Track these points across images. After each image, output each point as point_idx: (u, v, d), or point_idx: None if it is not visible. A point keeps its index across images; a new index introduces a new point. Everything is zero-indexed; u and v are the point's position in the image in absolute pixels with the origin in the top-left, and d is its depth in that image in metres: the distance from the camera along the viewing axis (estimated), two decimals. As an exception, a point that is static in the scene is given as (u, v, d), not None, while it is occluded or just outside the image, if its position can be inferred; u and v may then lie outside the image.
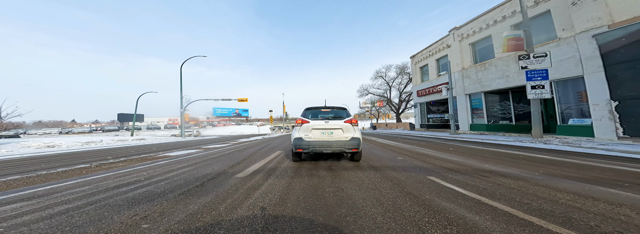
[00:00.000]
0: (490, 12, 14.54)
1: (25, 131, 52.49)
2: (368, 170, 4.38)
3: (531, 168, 4.28)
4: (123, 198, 2.76)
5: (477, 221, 2.01)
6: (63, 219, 2.12)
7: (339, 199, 2.67)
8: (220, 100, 26.83)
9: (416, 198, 2.70)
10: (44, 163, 6.23)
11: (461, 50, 17.21)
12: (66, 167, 5.28)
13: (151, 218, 2.14)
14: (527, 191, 2.81)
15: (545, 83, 9.28)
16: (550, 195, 2.65)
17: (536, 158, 5.34)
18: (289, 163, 5.26)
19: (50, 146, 12.86)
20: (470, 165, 4.65)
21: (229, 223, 2.04)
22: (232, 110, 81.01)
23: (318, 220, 2.08)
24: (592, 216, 2.06)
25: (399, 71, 37.13)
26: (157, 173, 4.34)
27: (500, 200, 2.51)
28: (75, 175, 4.29)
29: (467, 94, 16.55)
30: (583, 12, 9.43)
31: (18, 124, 23.43)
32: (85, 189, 3.18)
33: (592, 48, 9.05)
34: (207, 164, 5.36)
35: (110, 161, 6.27)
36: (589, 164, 4.54)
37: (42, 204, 2.55)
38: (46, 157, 7.70)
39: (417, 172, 4.10)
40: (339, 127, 5.07)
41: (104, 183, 3.55)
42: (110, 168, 5.00)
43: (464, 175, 3.78)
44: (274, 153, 7.39)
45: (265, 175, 4.05)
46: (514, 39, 10.50)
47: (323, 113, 5.56)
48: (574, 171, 3.95)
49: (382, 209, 2.36)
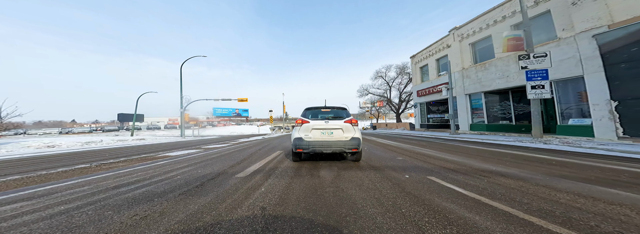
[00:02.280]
0: (490, 12, 14.54)
1: (25, 131, 52.50)
2: (368, 170, 4.38)
3: (531, 168, 4.28)
4: (123, 198, 2.76)
5: (477, 221, 2.01)
6: (63, 219, 2.12)
7: (339, 200, 2.67)
8: (220, 100, 26.83)
9: (416, 198, 2.70)
10: (43, 163, 6.23)
11: (461, 50, 17.21)
12: (66, 167, 5.29)
13: (151, 218, 2.14)
14: (527, 191, 2.81)
15: (545, 83, 9.28)
16: (550, 195, 2.65)
17: (536, 158, 5.34)
18: (289, 163, 5.26)
19: (50, 146, 12.87)
20: (470, 165, 4.65)
21: (229, 223, 2.04)
22: (232, 110, 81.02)
23: (318, 220, 2.08)
24: (592, 216, 2.06)
25: (399, 71, 37.18)
26: (157, 173, 4.35)
27: (500, 200, 2.51)
28: (75, 175, 4.30)
29: (467, 94, 16.56)
30: (583, 12, 9.43)
31: (18, 124, 23.41)
32: (85, 189, 3.18)
33: (592, 48, 9.05)
34: (207, 164, 5.36)
35: (110, 161, 6.28)
36: (589, 164, 4.54)
37: (42, 204, 2.55)
38: (46, 157, 7.70)
39: (417, 172, 4.10)
40: (339, 127, 5.05)
41: (104, 183, 3.56)
42: (110, 168, 5.00)
43: (464, 175, 3.78)
44: (274, 153, 7.39)
45: (266, 175, 4.05)
46: (514, 39, 10.50)
47: (323, 113, 5.54)
48: (574, 171, 3.95)
49: (382, 209, 2.36)
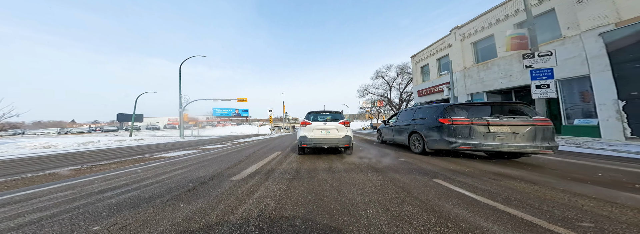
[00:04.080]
0: (493, 11, 14.34)
1: (24, 132, 52.30)
2: (370, 172, 4.16)
3: (542, 170, 4.07)
4: (105, 204, 2.54)
5: (496, 231, 1.79)
6: (30, 231, 1.90)
7: (341, 205, 2.46)
8: (220, 100, 26.63)
9: (424, 203, 2.49)
10: (34, 164, 6.02)
11: (463, 49, 17.00)
12: (55, 169, 5.07)
13: (131, 228, 1.92)
14: (544, 197, 2.59)
15: (551, 83, 9.07)
16: (571, 201, 2.44)
17: (545, 160, 5.12)
18: (288, 165, 5.05)
19: (46, 147, 12.65)
20: (476, 167, 4.44)
21: (219, 233, 1.83)
22: (232, 110, 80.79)
23: (318, 228, 1.86)
24: (626, 227, 1.84)
25: (399, 71, 36.92)
26: (149, 175, 4.12)
27: (517, 207, 2.29)
28: (63, 178, 4.08)
29: (468, 94, 16.34)
30: (589, 10, 9.22)
31: (14, 124, 23.20)
32: (67, 194, 2.95)
33: (598, 47, 8.85)
34: (202, 166, 5.15)
35: (102, 162, 6.06)
36: (603, 166, 4.33)
37: (14, 212, 2.33)
38: (38, 158, 7.48)
39: (422, 174, 3.89)
40: (334, 127, 6.25)
41: (90, 187, 3.33)
42: (101, 170, 4.78)
43: (472, 178, 3.57)
44: (273, 153, 7.18)
45: (263, 178, 3.83)
46: (517, 38, 10.29)
47: (322, 116, 6.77)
48: (588, 174, 3.74)
49: (388, 216, 2.14)
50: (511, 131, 4.75)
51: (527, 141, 4.66)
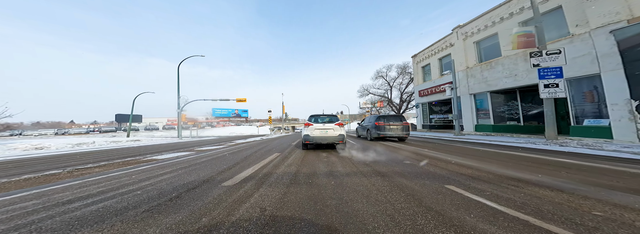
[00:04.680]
0: (496, 9, 14.01)
1: (21, 132, 51.82)
2: (374, 176, 3.81)
3: (562, 175, 3.71)
4: (67, 217, 2.17)
5: (539, 258, 1.43)
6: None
7: (344, 217, 2.10)
8: (219, 100, 26.23)
9: (440, 215, 2.14)
10: (15, 168, 5.65)
11: (465, 48, 16.67)
12: (34, 173, 4.68)
13: (87, 252, 1.56)
14: (581, 209, 2.23)
15: (560, 82, 8.73)
16: (615, 215, 2.08)
17: (561, 163, 4.76)
18: (285, 168, 4.69)
19: (38, 148, 12.25)
20: (489, 171, 4.08)
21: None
22: (231, 111, 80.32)
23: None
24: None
25: (400, 71, 36.56)
26: (132, 181, 3.75)
27: (555, 222, 1.93)
28: (37, 184, 3.71)
29: (471, 94, 15.99)
30: (599, 6, 8.89)
31: (11, 125, 22.83)
32: (27, 205, 2.57)
33: (609, 45, 8.50)
34: (193, 169, 4.78)
35: (88, 165, 5.69)
36: (630, 171, 3.96)
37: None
38: (24, 161, 7.11)
39: (432, 179, 3.53)
40: (331, 128, 7.93)
41: (60, 195, 2.95)
42: (82, 175, 4.41)
43: (489, 184, 3.21)
44: (270, 155, 6.81)
45: (257, 183, 3.47)
46: (524, 36, 9.97)
47: (322, 118, 8.51)
48: (617, 179, 3.38)
49: (401, 232, 1.79)
50: (396, 127, 11.36)
51: (400, 132, 11.28)
